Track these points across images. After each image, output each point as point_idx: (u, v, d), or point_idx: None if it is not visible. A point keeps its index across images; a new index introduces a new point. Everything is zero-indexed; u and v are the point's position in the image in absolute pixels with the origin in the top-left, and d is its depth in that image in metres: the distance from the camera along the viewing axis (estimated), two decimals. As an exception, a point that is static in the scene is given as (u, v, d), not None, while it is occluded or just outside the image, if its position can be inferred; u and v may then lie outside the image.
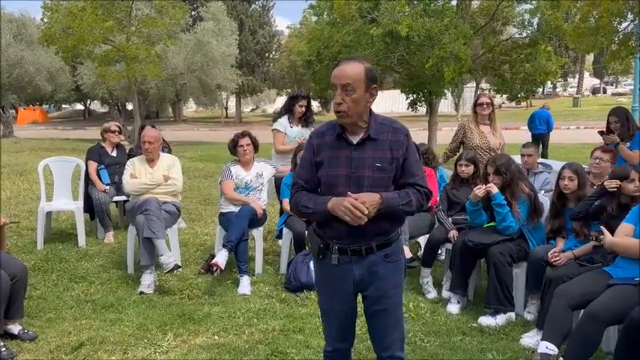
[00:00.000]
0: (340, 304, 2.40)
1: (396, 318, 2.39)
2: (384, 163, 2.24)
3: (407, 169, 2.28)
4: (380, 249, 2.29)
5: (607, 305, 2.88)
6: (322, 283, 2.45)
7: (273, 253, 5.51)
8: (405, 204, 2.24)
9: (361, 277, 2.32)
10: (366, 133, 2.26)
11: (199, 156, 15.73)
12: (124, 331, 3.68)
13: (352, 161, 2.25)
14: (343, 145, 2.28)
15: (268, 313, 4.00)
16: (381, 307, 2.35)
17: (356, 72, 2.19)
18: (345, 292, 2.36)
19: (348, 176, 2.24)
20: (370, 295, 2.35)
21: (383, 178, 2.25)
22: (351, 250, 2.29)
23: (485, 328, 3.79)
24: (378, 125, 2.28)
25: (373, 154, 2.25)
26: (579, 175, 3.86)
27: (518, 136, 14.43)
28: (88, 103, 42.58)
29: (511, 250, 3.98)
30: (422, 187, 2.30)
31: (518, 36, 13.02)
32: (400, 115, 36.49)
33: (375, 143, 2.25)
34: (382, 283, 2.32)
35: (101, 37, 13.72)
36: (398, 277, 2.38)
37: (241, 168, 4.97)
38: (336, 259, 2.30)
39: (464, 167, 4.70)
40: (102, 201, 5.86)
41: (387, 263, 2.32)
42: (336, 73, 2.22)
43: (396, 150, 2.26)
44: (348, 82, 2.18)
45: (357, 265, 2.30)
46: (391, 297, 2.34)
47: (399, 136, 2.27)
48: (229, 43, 23.70)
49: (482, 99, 5.45)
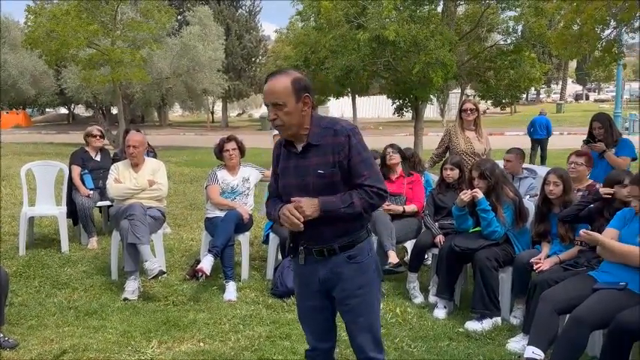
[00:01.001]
0: (310, 301, 2.44)
1: (365, 319, 2.39)
2: (326, 169, 2.26)
3: (352, 169, 2.27)
4: (343, 250, 2.32)
5: (592, 310, 2.90)
6: (295, 282, 2.53)
7: (259, 258, 5.47)
8: (346, 206, 2.23)
9: (326, 278, 2.35)
10: (307, 141, 2.29)
11: (185, 161, 15.62)
12: (108, 338, 3.62)
13: (298, 169, 2.31)
14: (291, 154, 2.35)
15: (254, 319, 3.97)
16: (347, 308, 2.37)
17: (282, 87, 2.22)
18: (314, 290, 2.40)
19: (296, 185, 2.30)
20: (337, 297, 2.39)
21: (327, 184, 2.26)
22: (315, 252, 2.33)
23: (472, 333, 3.80)
24: (321, 130, 2.29)
25: (316, 160, 2.27)
26: (564, 181, 3.90)
27: (503, 141, 14.59)
28: (72, 107, 42.08)
29: (497, 255, 4.00)
30: (370, 187, 2.27)
31: (503, 43, 13.16)
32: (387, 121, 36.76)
33: (318, 149, 2.28)
34: (346, 284, 2.34)
35: (85, 40, 13.58)
36: (364, 277, 2.36)
37: (227, 172, 4.94)
38: (303, 259, 2.36)
39: (449, 172, 4.73)
40: (85, 206, 5.78)
41: (351, 264, 2.33)
42: (266, 90, 2.26)
43: (337, 153, 2.25)
44: (277, 99, 2.22)
45: (321, 265, 2.35)
46: (357, 297, 2.35)
47: (340, 139, 2.26)
48: (216, 48, 23.61)
49: (467, 105, 5.50)
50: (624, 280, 3.01)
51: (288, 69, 2.39)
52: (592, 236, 3.21)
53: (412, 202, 4.91)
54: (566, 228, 3.85)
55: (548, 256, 3.84)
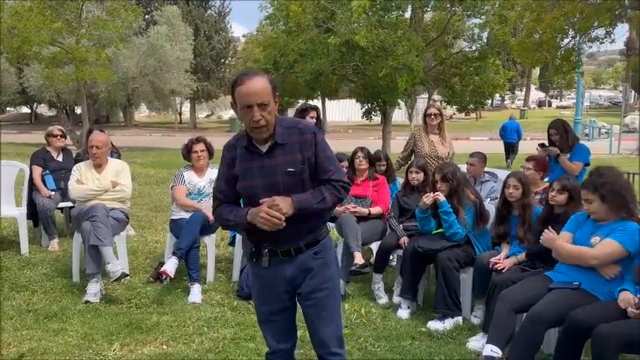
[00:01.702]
0: (276, 304, 2.43)
1: (329, 312, 2.42)
2: (296, 167, 2.28)
3: (319, 165, 2.32)
4: (309, 247, 2.35)
5: (548, 308, 3.01)
6: (257, 285, 2.48)
7: (226, 260, 5.45)
8: (318, 202, 2.29)
9: (293, 276, 2.37)
10: (272, 140, 2.29)
11: (151, 162, 15.38)
12: (68, 342, 3.55)
13: (264, 170, 2.29)
14: (254, 155, 2.32)
15: (219, 322, 3.95)
16: (313, 302, 2.40)
17: (264, 86, 2.22)
18: (279, 291, 2.40)
19: (264, 185, 2.29)
20: (303, 292, 2.40)
21: (297, 182, 2.30)
22: (281, 252, 2.34)
23: (434, 333, 3.87)
24: (285, 130, 2.31)
25: (284, 159, 2.29)
26: (523, 184, 4.02)
27: (468, 145, 14.90)
28: (35, 107, 40.94)
29: (458, 256, 4.09)
30: (337, 181, 2.35)
31: (468, 49, 13.46)
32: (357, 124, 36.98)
33: (284, 148, 2.29)
34: (313, 280, 2.37)
35: (48, 38, 13.23)
36: (329, 271, 2.42)
37: (194, 174, 4.91)
38: (267, 262, 2.35)
39: (414, 175, 4.81)
40: (46, 207, 5.65)
41: (317, 260, 2.38)
42: (248, 91, 2.21)
43: (306, 151, 2.30)
44: (262, 99, 2.21)
45: (288, 264, 2.36)
46: (323, 291, 2.39)
47: (306, 136, 2.31)
48: (184, 48, 23.37)
49: (431, 110, 5.62)
50: (578, 280, 3.13)
51: (257, 69, 2.41)
52: (548, 238, 3.35)
53: (377, 204, 4.98)
54: (524, 230, 3.98)
55: (508, 257, 3.96)
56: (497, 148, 18.97)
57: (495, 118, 41.60)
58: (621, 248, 3.01)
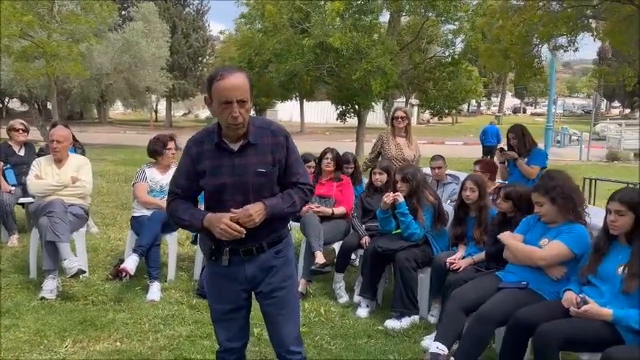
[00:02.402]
0: (232, 303, 2.42)
1: (289, 310, 2.43)
2: (267, 168, 2.28)
3: (289, 168, 2.34)
4: (270, 247, 2.36)
5: (495, 307, 3.07)
6: (214, 284, 2.46)
7: (189, 259, 5.41)
8: (289, 206, 2.32)
9: (253, 275, 2.37)
10: (245, 139, 2.27)
11: (122, 159, 15.19)
12: (19, 337, 3.50)
13: (235, 168, 2.26)
14: (225, 153, 2.28)
15: (176, 319, 3.93)
16: (273, 301, 2.40)
17: (245, 83, 2.19)
18: (237, 290, 2.40)
19: (232, 184, 2.27)
20: (263, 291, 2.40)
21: (266, 183, 2.30)
22: (243, 251, 2.33)
23: (390, 331, 3.92)
24: (257, 129, 2.29)
25: (255, 159, 2.27)
26: (480, 187, 4.10)
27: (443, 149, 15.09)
28: (7, 101, 40.03)
29: (416, 256, 4.15)
30: (304, 185, 2.38)
31: (441, 55, 13.64)
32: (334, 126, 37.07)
33: (256, 148, 2.28)
34: (273, 278, 2.38)
35: (18, 31, 12.97)
36: (289, 269, 2.44)
37: (157, 171, 4.87)
38: (227, 261, 2.33)
39: (378, 176, 4.86)
40: (5, 202, 5.54)
41: (278, 258, 2.39)
42: (227, 86, 2.15)
43: (277, 152, 2.30)
44: (242, 96, 2.17)
45: (248, 263, 2.35)
46: (283, 289, 2.40)
47: (279, 139, 2.31)
48: (160, 45, 23.11)
49: (398, 113, 5.69)
50: (526, 279, 3.21)
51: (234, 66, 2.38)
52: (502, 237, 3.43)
53: (341, 204, 5.01)
54: (480, 231, 4.05)
55: (464, 257, 4.03)
56: (471, 152, 19.29)
57: (471, 124, 42.28)
58: (567, 250, 3.10)
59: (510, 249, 3.31)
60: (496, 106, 56.71)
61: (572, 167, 16.45)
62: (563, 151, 22.69)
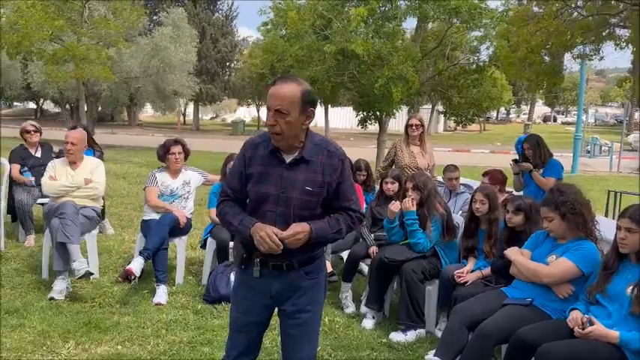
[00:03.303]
0: (254, 316, 2.37)
1: (309, 334, 2.38)
2: (314, 187, 2.21)
3: (341, 193, 2.26)
4: (301, 266, 2.29)
5: (498, 324, 2.98)
6: (239, 293, 2.41)
7: (199, 263, 5.43)
8: (335, 232, 2.25)
9: (279, 292, 2.31)
10: (299, 154, 2.21)
11: (147, 161, 15.37)
12: (24, 337, 3.55)
13: (282, 180, 2.21)
14: (276, 162, 2.23)
15: (179, 325, 3.94)
16: (296, 322, 2.34)
17: (291, 95, 2.13)
18: (261, 304, 2.35)
19: (276, 195, 2.21)
20: (287, 310, 2.34)
21: (311, 202, 2.23)
22: (272, 265, 2.27)
23: (395, 344, 3.85)
24: (314, 146, 2.24)
25: (305, 176, 2.21)
26: (490, 199, 4.00)
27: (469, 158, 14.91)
28: (41, 102, 41.20)
29: (423, 268, 4.07)
30: (355, 212, 2.30)
31: (466, 62, 13.45)
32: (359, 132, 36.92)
33: (308, 165, 2.22)
34: (300, 299, 2.31)
35: (49, 35, 13.32)
36: (317, 293, 2.37)
37: (168, 175, 4.91)
38: (258, 272, 2.28)
39: (389, 185, 4.80)
40: (24, 202, 5.66)
41: (308, 280, 2.32)
42: (271, 93, 2.14)
43: (329, 174, 2.22)
44: (281, 106, 2.12)
45: (276, 279, 2.29)
46: (308, 312, 2.33)
47: (333, 160, 2.24)
48: (188, 50, 23.42)
49: (412, 120, 5.62)
50: (531, 295, 3.11)
51: (299, 76, 2.29)
52: (508, 253, 3.33)
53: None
54: (490, 244, 3.95)
55: (473, 271, 3.93)
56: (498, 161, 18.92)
57: (499, 131, 41.63)
58: (575, 268, 2.99)
59: (516, 265, 3.21)
60: (526, 114, 55.72)
61: (601, 179, 16.01)
62: (592, 161, 22.11)
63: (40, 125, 6.30)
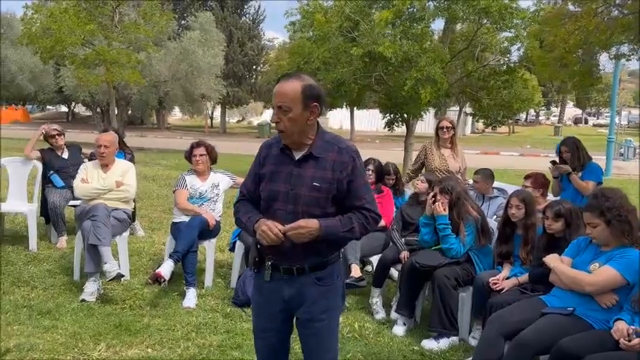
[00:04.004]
0: (267, 322, 2.35)
1: (326, 344, 2.32)
2: (323, 183, 2.18)
3: (353, 191, 2.21)
4: (312, 271, 2.24)
5: (537, 334, 2.87)
6: (255, 297, 2.41)
7: (228, 265, 5.42)
8: (347, 231, 2.19)
9: (290, 298, 2.27)
10: (308, 151, 2.21)
11: (176, 164, 15.54)
12: (56, 339, 3.58)
13: (292, 177, 2.20)
14: (286, 160, 2.23)
15: (209, 328, 3.92)
16: (310, 332, 2.29)
17: (291, 91, 2.14)
18: (274, 309, 2.31)
19: (286, 193, 2.20)
20: (300, 318, 2.31)
21: (320, 198, 2.19)
22: (283, 269, 2.24)
23: (427, 352, 3.76)
24: (324, 143, 2.22)
25: (314, 172, 2.19)
26: (527, 204, 3.87)
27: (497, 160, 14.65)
28: (73, 106, 42.17)
29: (457, 274, 3.97)
30: (369, 211, 2.23)
31: (496, 63, 13.21)
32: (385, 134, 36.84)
33: (317, 162, 2.20)
34: (311, 307, 2.26)
35: (81, 39, 13.62)
36: (331, 301, 2.30)
37: (197, 177, 4.91)
38: (269, 275, 2.26)
39: (419, 183, 4.73)
40: (56, 204, 5.74)
41: (319, 286, 2.26)
42: (274, 90, 2.19)
43: (339, 171, 2.19)
44: (282, 103, 2.15)
45: (287, 284, 2.25)
46: (321, 321, 2.28)
47: (344, 157, 2.21)
48: (215, 54, 23.69)
49: (443, 123, 5.51)
50: (572, 304, 2.98)
51: (302, 73, 2.28)
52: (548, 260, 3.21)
53: (381, 217, 4.87)
54: (527, 251, 3.83)
55: (508, 278, 3.81)
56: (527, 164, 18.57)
57: (529, 134, 40.84)
58: (619, 277, 2.86)
59: (557, 273, 3.09)
60: (556, 116, 54.56)
61: (636, 182, 15.53)
62: (626, 164, 21.47)
63: (72, 128, 6.38)
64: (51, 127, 6.19)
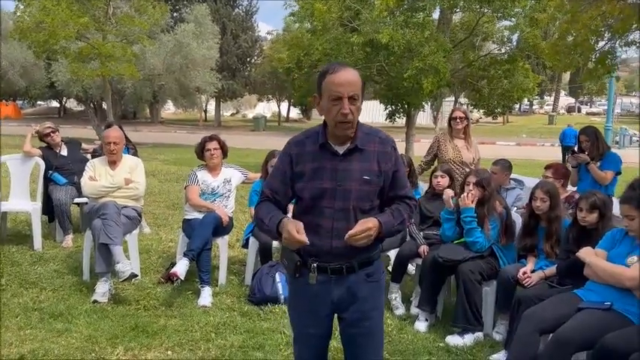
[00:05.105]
0: (316, 328, 2.23)
1: (375, 342, 2.23)
2: (372, 176, 2.10)
3: (398, 180, 2.17)
4: (362, 268, 2.14)
5: (576, 331, 2.78)
6: (297, 303, 2.28)
7: (239, 262, 5.31)
8: (399, 223, 2.13)
9: (340, 299, 2.16)
10: (352, 143, 2.10)
11: (173, 159, 15.41)
12: (71, 343, 3.45)
13: (338, 173, 2.09)
14: (327, 155, 2.11)
15: (228, 328, 3.80)
16: (359, 331, 2.20)
17: (357, 80, 2.04)
18: (322, 314, 2.20)
19: (333, 189, 2.08)
20: (348, 318, 2.19)
21: (370, 192, 2.11)
22: (331, 269, 2.12)
23: (453, 348, 3.67)
24: (365, 135, 2.13)
25: (361, 165, 2.10)
26: (551, 196, 3.77)
27: (494, 150, 14.60)
28: (65, 101, 41.66)
29: (481, 268, 3.87)
30: (411, 200, 2.20)
31: (497, 52, 13.12)
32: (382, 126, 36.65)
33: (362, 154, 2.10)
34: (362, 305, 2.17)
35: (74, 33, 13.34)
36: (379, 298, 2.23)
37: (208, 173, 4.78)
38: (315, 279, 2.12)
39: (440, 179, 4.60)
40: (62, 202, 5.58)
41: (369, 283, 2.17)
42: (340, 81, 2.02)
43: (384, 162, 2.12)
44: (354, 92, 2.02)
45: (336, 284, 2.14)
46: (371, 319, 2.19)
47: (387, 148, 2.14)
48: (210, 46, 23.39)
49: (456, 113, 5.40)
50: (609, 298, 2.89)
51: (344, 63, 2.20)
52: (582, 254, 3.11)
53: None
54: (551, 244, 3.74)
55: (534, 271, 3.72)
56: (525, 153, 18.56)
57: (523, 123, 40.87)
58: (660, 269, 2.76)
59: (593, 267, 2.99)
60: (549, 105, 54.61)
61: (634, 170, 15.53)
62: (622, 152, 21.46)
63: (64, 124, 6.22)
64: (43, 125, 5.95)
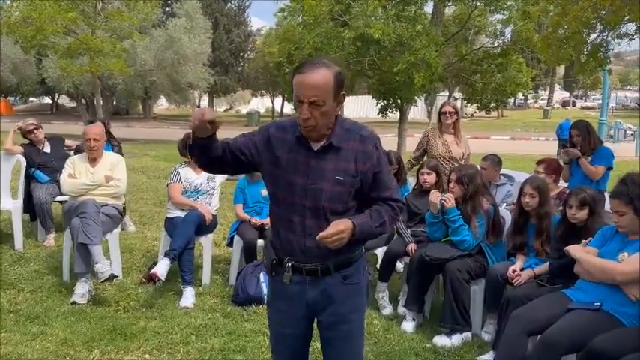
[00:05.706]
0: (292, 328, 2.14)
1: (354, 346, 2.14)
2: (346, 176, 1.97)
3: (380, 182, 2.03)
4: (338, 270, 2.04)
5: (564, 332, 2.69)
6: (273, 302, 2.19)
7: (225, 261, 5.20)
8: (379, 225, 2.01)
9: (315, 301, 2.06)
10: (327, 140, 1.96)
11: (164, 155, 15.22)
12: (46, 347, 3.34)
13: (310, 170, 1.97)
14: (302, 149, 1.98)
15: (209, 330, 3.70)
16: (337, 334, 2.10)
17: (325, 82, 1.87)
18: (298, 314, 2.10)
19: (303, 187, 1.97)
20: (324, 321, 2.10)
21: (342, 193, 1.98)
22: (306, 270, 2.03)
23: (440, 349, 3.58)
24: (344, 132, 1.99)
25: (335, 165, 1.97)
26: (541, 192, 3.68)
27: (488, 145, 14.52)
28: (57, 97, 41.35)
29: (469, 267, 3.78)
30: (396, 202, 2.07)
31: (490, 46, 13.03)
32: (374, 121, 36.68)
33: (338, 152, 1.97)
34: (339, 308, 2.07)
35: (62, 28, 13.15)
36: (358, 300, 2.13)
37: (191, 170, 4.66)
38: (289, 278, 2.04)
39: (426, 176, 4.50)
40: (43, 200, 5.46)
41: (346, 285, 2.07)
42: (300, 82, 1.87)
43: (362, 162, 1.98)
44: (316, 97, 1.86)
45: (311, 286, 2.05)
46: (349, 322, 2.09)
47: (367, 147, 1.99)
48: (202, 41, 23.23)
49: (446, 107, 5.30)
50: (599, 297, 2.81)
51: (326, 58, 1.98)
52: (572, 250, 3.02)
53: None
54: (541, 241, 3.65)
55: (523, 269, 3.63)
56: (519, 148, 18.50)
57: (517, 118, 40.84)
58: (651, 267, 2.68)
59: (583, 264, 2.90)
60: (544, 100, 54.65)
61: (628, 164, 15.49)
62: (617, 146, 21.46)
63: (57, 120, 6.09)
64: (27, 122, 5.81)
